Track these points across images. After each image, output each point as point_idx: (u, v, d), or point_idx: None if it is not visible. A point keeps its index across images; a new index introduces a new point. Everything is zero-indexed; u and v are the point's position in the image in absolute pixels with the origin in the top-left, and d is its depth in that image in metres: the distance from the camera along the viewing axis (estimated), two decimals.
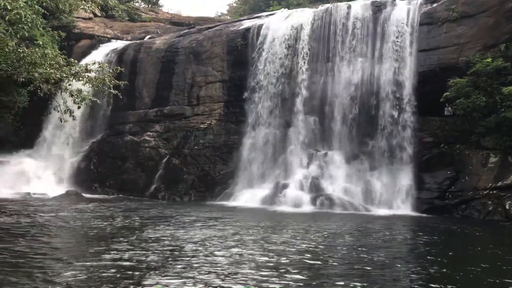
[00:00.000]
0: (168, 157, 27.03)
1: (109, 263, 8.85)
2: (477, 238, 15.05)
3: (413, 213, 20.85)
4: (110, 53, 30.31)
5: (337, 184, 22.68)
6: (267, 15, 29.52)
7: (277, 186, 23.22)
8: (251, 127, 25.90)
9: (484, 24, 22.02)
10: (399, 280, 8.64)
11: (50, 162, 28.04)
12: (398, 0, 25.06)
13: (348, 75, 24.20)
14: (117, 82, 18.73)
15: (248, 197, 23.31)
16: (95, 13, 35.09)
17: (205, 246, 10.92)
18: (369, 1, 25.24)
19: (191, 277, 8.01)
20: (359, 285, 7.85)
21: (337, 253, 10.75)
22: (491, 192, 20.21)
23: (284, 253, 10.35)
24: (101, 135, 29.16)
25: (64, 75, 17.16)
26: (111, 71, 18.91)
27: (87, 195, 25.09)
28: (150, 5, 45.83)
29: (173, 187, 26.10)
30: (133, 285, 7.46)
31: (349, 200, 21.70)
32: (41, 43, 18.93)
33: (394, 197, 21.86)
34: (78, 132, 29.01)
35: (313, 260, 9.81)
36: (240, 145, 25.79)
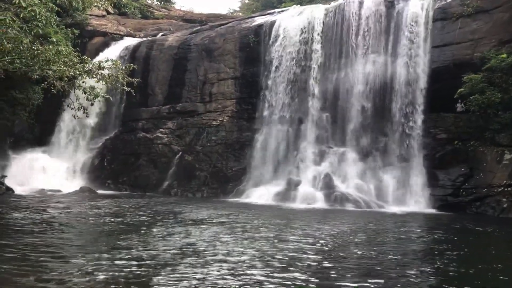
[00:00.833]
0: (180, 153, 27.12)
1: (118, 260, 8.85)
2: (492, 236, 14.91)
3: (426, 210, 20.69)
4: (123, 50, 30.47)
5: (350, 181, 22.58)
6: (279, 12, 29.43)
7: (289, 183, 23.19)
8: (264, 124, 25.88)
9: (499, 19, 21.75)
10: (414, 279, 8.47)
11: (64, 158, 28.30)
12: None
13: (361, 71, 24.06)
14: (130, 79, 18.79)
15: (260, 194, 23.30)
16: (108, 11, 35.26)
17: (216, 243, 10.89)
18: None
19: (201, 275, 7.98)
20: (372, 286, 7.75)
21: (350, 252, 10.63)
22: (506, 189, 19.98)
23: (296, 251, 10.27)
24: (114, 132, 29.34)
25: (77, 72, 17.25)
26: (124, 68, 18.98)
27: (100, 192, 25.31)
28: (162, 3, 45.92)
29: (185, 184, 26.19)
30: (142, 282, 7.44)
31: (362, 197, 21.59)
32: (55, 40, 19.00)
33: (407, 194, 21.72)
34: (91, 129, 29.22)
35: (325, 259, 9.71)
36: (252, 142, 25.79)
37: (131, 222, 14.15)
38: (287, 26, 26.54)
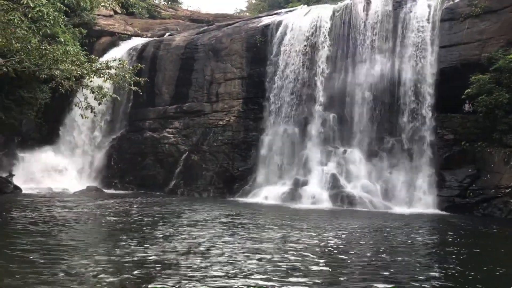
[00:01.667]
0: (187, 153, 27.17)
1: (122, 259, 8.87)
2: (500, 237, 14.78)
3: (433, 211, 20.61)
4: (130, 50, 30.58)
5: (357, 181, 22.54)
6: (286, 12, 29.43)
7: (296, 183, 23.19)
8: (270, 124, 25.87)
9: (507, 19, 21.62)
10: (424, 284, 8.27)
11: (71, 158, 28.47)
12: None
13: (367, 71, 24.01)
14: (137, 79, 18.84)
15: (266, 193, 23.32)
16: (116, 11, 35.42)
17: (221, 243, 10.86)
18: None
19: (205, 275, 7.95)
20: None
21: (357, 255, 10.48)
22: None
23: (302, 252, 10.20)
24: (121, 132, 29.45)
25: (85, 71, 17.32)
26: (131, 68, 19.04)
27: (107, 191, 25.43)
28: (169, 2, 46.06)
29: (192, 183, 26.24)
30: (144, 283, 7.42)
31: (368, 197, 21.54)
32: (63, 40, 19.11)
33: (414, 194, 21.66)
34: (98, 128, 29.35)
35: (332, 262, 9.59)
36: (258, 142, 25.79)
37: (137, 222, 14.18)
38: (294, 26, 26.52)
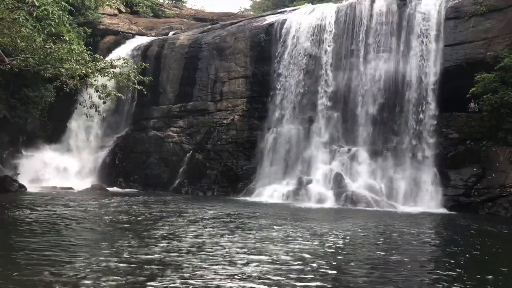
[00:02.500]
0: (191, 152, 27.19)
1: (124, 258, 8.85)
2: (505, 237, 14.69)
3: (437, 210, 20.54)
4: (134, 49, 30.61)
5: (361, 180, 22.48)
6: (290, 10, 29.40)
7: (300, 182, 23.15)
8: (274, 123, 25.85)
9: None
10: (426, 284, 8.21)
11: (76, 156, 28.53)
12: None
13: (372, 70, 23.97)
14: (142, 77, 18.85)
15: (271, 192, 23.30)
16: (120, 10, 35.47)
17: (224, 242, 10.82)
18: None
19: (207, 276, 7.86)
20: None
21: (362, 256, 10.34)
22: None
23: (306, 252, 10.14)
24: (125, 130, 29.50)
25: (89, 70, 17.32)
26: (135, 67, 19.05)
27: (112, 190, 25.45)
28: (174, 1, 46.09)
29: (196, 182, 26.25)
30: (145, 283, 7.38)
31: (372, 196, 21.49)
32: (67, 39, 19.11)
33: (418, 193, 21.60)
34: (103, 127, 29.41)
35: (335, 263, 9.47)
36: (263, 141, 25.78)
37: (140, 220, 14.18)
38: (299, 25, 26.48)
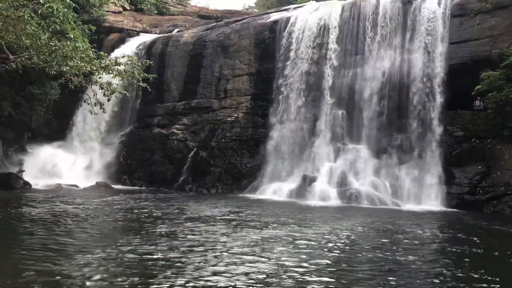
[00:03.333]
0: (195, 149, 27.21)
1: (126, 257, 8.86)
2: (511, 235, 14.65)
3: (442, 208, 20.51)
4: (139, 46, 30.63)
5: (365, 178, 22.42)
6: (295, 8, 29.34)
7: (304, 179, 23.11)
8: (278, 120, 25.82)
9: None
10: (431, 283, 8.17)
11: (80, 153, 28.58)
12: None
13: (377, 68, 23.89)
14: (146, 75, 18.89)
15: (275, 190, 23.30)
16: (124, 7, 35.50)
17: (227, 241, 10.81)
18: None
19: (209, 277, 7.80)
20: None
21: (367, 256, 10.23)
22: None
23: (309, 250, 10.11)
24: (130, 128, 29.54)
25: (94, 68, 17.40)
26: (140, 64, 19.09)
27: (116, 187, 25.52)
28: None
29: (200, 180, 26.28)
30: (148, 281, 7.39)
31: (377, 194, 21.45)
32: (72, 36, 19.17)
33: (423, 191, 21.55)
34: (108, 124, 29.45)
35: (339, 259, 9.47)
36: (267, 138, 25.76)
37: (143, 218, 14.20)
38: (303, 22, 26.42)
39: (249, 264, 8.70)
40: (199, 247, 9.92)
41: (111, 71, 17.94)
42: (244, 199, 21.81)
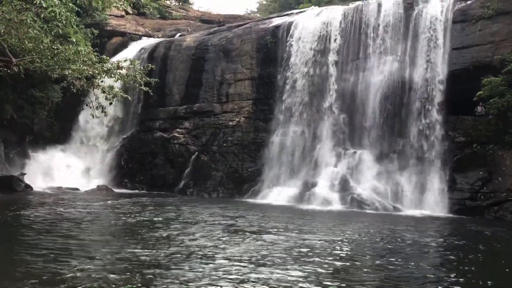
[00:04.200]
0: (197, 153, 27.22)
1: (124, 261, 8.84)
2: None
3: (443, 213, 20.47)
4: (141, 50, 30.70)
5: (367, 183, 22.40)
6: (297, 13, 29.37)
7: (305, 184, 23.10)
8: (280, 125, 25.83)
9: None
10: None
11: (82, 157, 28.60)
12: None
13: (379, 73, 23.89)
14: (148, 79, 18.91)
15: (276, 194, 23.29)
16: (127, 11, 35.60)
17: (226, 246, 10.78)
18: None
19: (207, 282, 7.76)
20: None
21: (368, 262, 10.21)
22: None
23: (310, 256, 10.07)
24: (131, 131, 29.57)
25: (96, 71, 17.41)
26: (142, 68, 19.11)
27: (118, 190, 25.52)
28: (180, 3, 46.17)
29: (201, 184, 26.28)
30: (147, 284, 7.39)
31: (378, 199, 21.44)
32: (74, 40, 19.18)
33: (424, 197, 21.51)
34: (109, 128, 29.48)
35: (340, 265, 9.42)
36: (268, 143, 25.77)
37: (143, 222, 14.20)
38: (305, 27, 26.46)
39: (247, 271, 8.63)
40: (198, 253, 9.88)
41: (113, 75, 17.97)
42: (245, 204, 21.78)
